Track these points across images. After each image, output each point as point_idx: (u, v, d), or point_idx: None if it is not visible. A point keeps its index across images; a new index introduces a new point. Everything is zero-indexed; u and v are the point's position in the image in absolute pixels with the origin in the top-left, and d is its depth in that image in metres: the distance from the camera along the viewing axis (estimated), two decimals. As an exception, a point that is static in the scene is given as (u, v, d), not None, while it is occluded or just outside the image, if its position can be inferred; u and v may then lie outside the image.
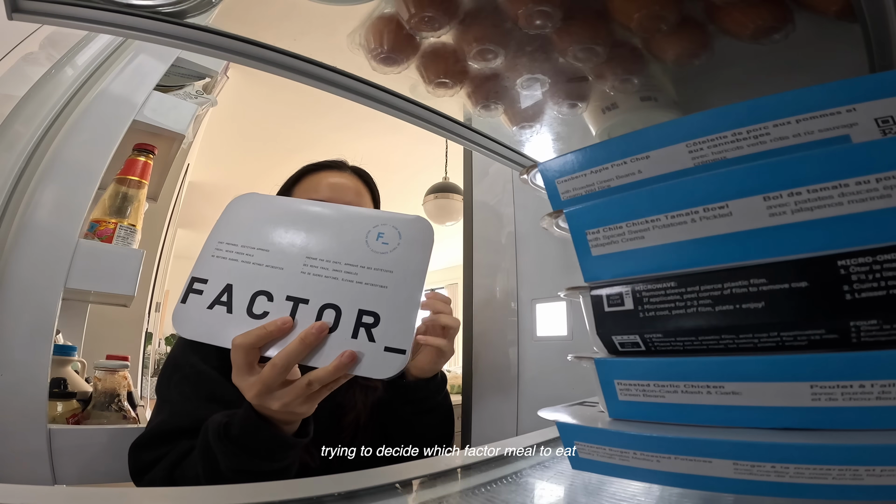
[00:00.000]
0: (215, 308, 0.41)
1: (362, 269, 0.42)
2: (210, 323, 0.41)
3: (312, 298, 0.41)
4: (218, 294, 0.42)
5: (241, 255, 0.44)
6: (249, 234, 0.45)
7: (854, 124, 0.23)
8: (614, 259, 0.28)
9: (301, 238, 0.45)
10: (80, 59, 0.81)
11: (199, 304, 0.41)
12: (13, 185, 0.66)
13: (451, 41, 0.43)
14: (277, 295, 0.41)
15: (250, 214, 0.47)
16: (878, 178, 0.21)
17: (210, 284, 0.42)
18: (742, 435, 0.25)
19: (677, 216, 0.25)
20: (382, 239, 0.44)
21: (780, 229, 0.23)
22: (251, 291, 0.42)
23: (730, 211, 0.24)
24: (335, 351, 0.38)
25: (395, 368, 0.38)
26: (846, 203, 0.22)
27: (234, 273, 0.43)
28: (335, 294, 0.41)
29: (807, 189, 0.22)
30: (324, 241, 0.44)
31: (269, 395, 0.41)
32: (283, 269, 0.43)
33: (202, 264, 0.44)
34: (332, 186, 0.68)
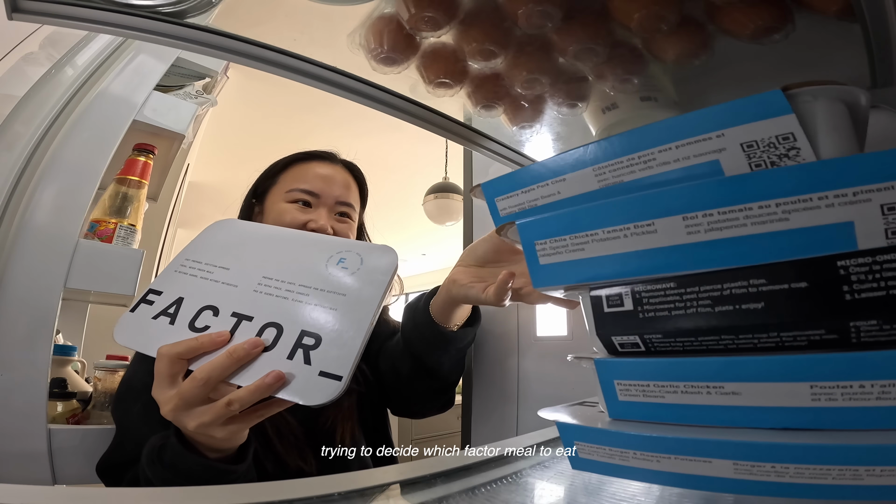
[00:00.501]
0: (159, 319, 0.40)
1: (315, 290, 0.41)
2: (148, 332, 0.39)
3: (257, 316, 0.39)
4: (167, 306, 0.41)
5: (201, 271, 0.43)
6: (216, 253, 0.45)
7: (723, 149, 0.26)
8: (559, 267, 0.30)
9: (263, 259, 0.44)
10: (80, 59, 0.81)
11: (145, 314, 0.40)
12: (13, 185, 0.66)
13: (451, 41, 0.43)
14: (223, 310, 0.40)
15: (223, 237, 0.47)
16: (777, 203, 0.23)
17: (163, 296, 0.41)
18: (742, 435, 0.25)
19: (612, 231, 0.28)
20: (343, 264, 0.43)
21: (696, 246, 0.25)
22: (199, 305, 0.40)
23: (655, 228, 0.26)
24: (265, 371, 0.36)
25: (326, 396, 0.35)
26: (749, 224, 0.24)
27: (188, 287, 0.42)
28: (281, 313, 0.39)
29: (718, 211, 0.25)
30: (284, 262, 0.44)
31: (186, 411, 0.37)
32: (237, 286, 0.42)
33: (163, 278, 0.43)
34: (320, 177, 0.67)
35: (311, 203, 0.65)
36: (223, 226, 0.49)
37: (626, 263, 0.28)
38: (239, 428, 0.38)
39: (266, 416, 0.39)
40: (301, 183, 0.66)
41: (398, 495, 0.35)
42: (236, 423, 0.38)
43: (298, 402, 0.35)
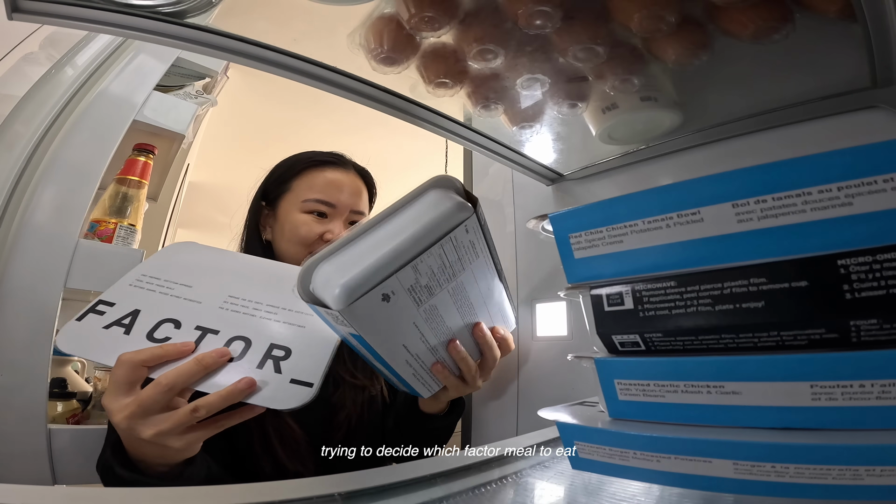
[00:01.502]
0: (112, 328, 0.40)
1: (283, 310, 0.43)
2: (99, 341, 0.39)
3: (223, 330, 0.40)
4: (121, 317, 0.40)
5: (160, 287, 0.44)
6: (178, 272, 0.45)
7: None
8: (596, 262, 0.29)
9: (228, 280, 0.45)
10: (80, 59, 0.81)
11: (94, 324, 0.40)
12: (13, 185, 0.66)
13: (451, 41, 0.43)
14: (186, 323, 0.40)
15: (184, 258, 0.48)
16: (839, 187, 0.22)
17: (116, 308, 0.41)
18: (742, 435, 0.25)
19: (653, 221, 0.26)
20: None
21: (748, 235, 0.24)
22: (158, 318, 0.41)
23: (701, 217, 0.25)
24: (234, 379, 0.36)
25: (299, 400, 0.36)
26: (809, 210, 0.23)
27: (146, 301, 0.42)
28: (249, 328, 0.41)
29: (772, 196, 0.23)
30: (251, 284, 0.45)
31: (144, 419, 0.35)
32: (200, 302, 0.43)
33: (115, 291, 0.43)
34: (333, 183, 0.66)
35: (327, 213, 0.65)
36: (183, 247, 0.50)
37: (669, 255, 0.26)
38: (197, 437, 0.37)
39: (227, 426, 0.38)
40: (316, 193, 0.65)
41: (398, 495, 0.35)
42: (196, 433, 0.37)
43: (270, 407, 0.36)
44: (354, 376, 0.62)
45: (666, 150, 0.58)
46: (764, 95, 0.48)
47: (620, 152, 0.61)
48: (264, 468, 0.53)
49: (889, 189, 0.21)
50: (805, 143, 0.48)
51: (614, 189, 0.65)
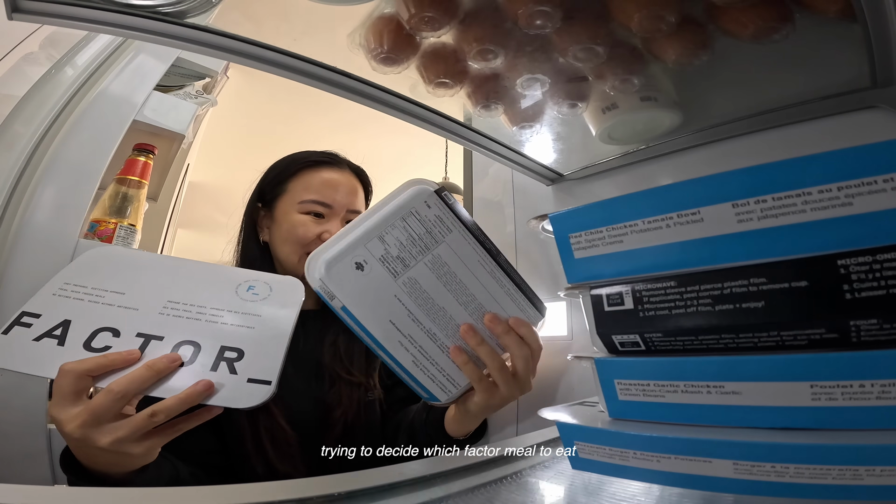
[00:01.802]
0: (43, 340, 0.39)
1: (229, 312, 0.43)
2: (31, 354, 0.38)
3: (168, 336, 0.40)
4: (51, 328, 0.39)
5: (88, 295, 0.42)
6: (104, 278, 0.44)
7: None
8: (596, 262, 0.29)
9: (164, 285, 0.45)
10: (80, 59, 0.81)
11: (23, 337, 0.39)
12: (13, 185, 0.66)
13: (451, 41, 0.43)
14: (126, 331, 0.40)
15: (107, 263, 0.47)
16: (839, 187, 0.22)
17: (43, 319, 0.40)
18: (742, 435, 0.25)
19: (653, 221, 0.26)
20: (253, 290, 0.46)
21: (747, 235, 0.24)
22: (93, 327, 0.40)
23: (701, 217, 0.25)
24: (189, 382, 0.37)
25: (259, 398, 0.37)
26: (809, 210, 0.23)
27: (75, 310, 0.41)
28: (195, 332, 0.41)
29: (772, 197, 0.23)
30: (190, 288, 0.45)
31: (98, 427, 0.35)
32: (137, 309, 0.42)
33: (39, 301, 0.41)
34: (328, 183, 0.67)
35: (324, 214, 0.65)
36: (104, 252, 0.49)
37: (669, 255, 0.26)
38: (155, 443, 0.38)
39: (185, 429, 0.39)
40: (312, 193, 0.65)
41: (398, 495, 0.35)
42: (153, 438, 0.37)
43: (229, 407, 0.37)
44: (350, 373, 0.62)
45: (666, 150, 0.58)
46: (764, 95, 0.48)
47: (620, 152, 0.61)
48: (255, 468, 0.53)
49: (889, 189, 0.21)
50: (805, 143, 0.48)
51: (614, 189, 0.65)
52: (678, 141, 0.56)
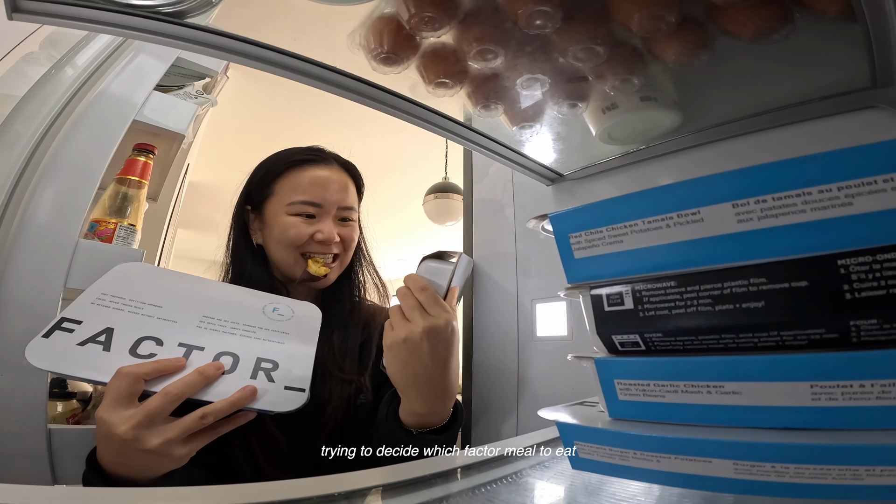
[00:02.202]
0: (88, 346, 0.41)
1: (260, 329, 0.48)
2: (76, 357, 0.40)
3: (208, 346, 0.44)
4: (94, 334, 0.42)
5: (127, 306, 0.45)
6: (140, 291, 0.47)
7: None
8: (595, 261, 0.29)
9: (199, 301, 0.49)
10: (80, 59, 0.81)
11: (66, 341, 0.41)
12: (13, 185, 0.66)
13: (451, 41, 0.43)
14: (168, 341, 0.43)
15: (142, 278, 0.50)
16: (839, 187, 0.22)
17: (84, 325, 0.42)
18: (742, 435, 0.25)
19: (653, 221, 0.26)
20: (278, 312, 0.51)
21: (747, 234, 0.24)
22: (137, 336, 0.43)
23: (701, 217, 0.25)
24: (232, 388, 0.40)
25: (295, 403, 0.42)
26: (809, 210, 0.23)
27: (116, 320, 0.44)
28: (233, 344, 0.45)
29: (772, 196, 0.23)
30: (222, 305, 0.49)
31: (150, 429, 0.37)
32: (176, 322, 0.46)
33: (78, 309, 0.44)
34: (317, 182, 0.65)
35: (315, 214, 0.64)
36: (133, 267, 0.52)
37: (669, 255, 0.26)
38: (195, 446, 0.40)
39: (222, 432, 0.41)
40: (301, 194, 0.64)
41: (398, 495, 0.35)
42: (196, 441, 0.39)
43: (273, 411, 0.41)
44: (342, 370, 0.62)
45: (666, 150, 0.58)
46: (764, 95, 0.48)
47: (620, 152, 0.61)
48: (244, 471, 0.53)
49: (889, 189, 0.21)
50: (805, 142, 0.48)
51: (614, 189, 0.65)
52: (678, 141, 0.56)
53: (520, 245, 0.77)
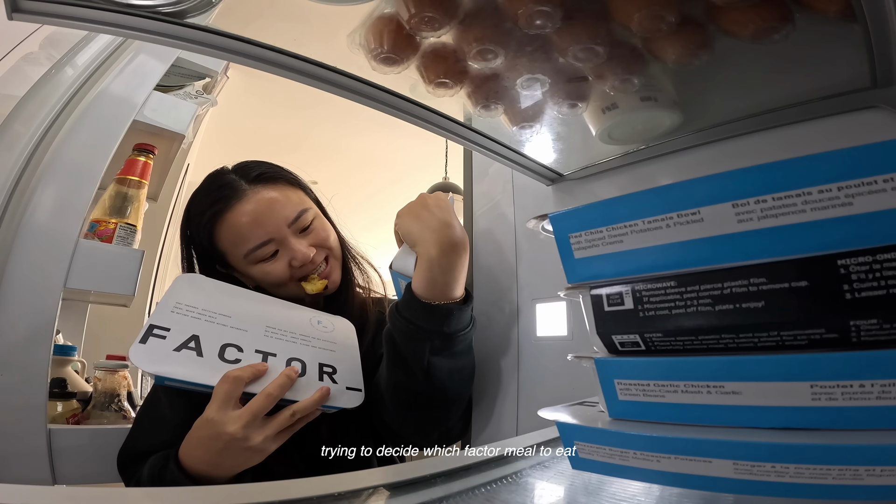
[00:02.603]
0: (183, 351, 0.46)
1: (313, 338, 0.55)
2: (179, 362, 0.46)
3: (279, 353, 0.50)
4: (185, 341, 0.47)
5: (203, 315, 0.51)
6: (208, 302, 0.52)
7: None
8: (596, 261, 0.29)
9: (259, 313, 0.55)
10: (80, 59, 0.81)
11: (162, 347, 0.46)
12: (13, 185, 0.66)
13: (451, 41, 0.43)
14: (246, 348, 0.49)
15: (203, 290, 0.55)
16: (839, 187, 0.22)
17: (174, 332, 0.47)
18: (742, 435, 0.25)
19: (653, 221, 0.26)
20: (322, 325, 0.58)
21: (748, 234, 0.24)
22: (220, 343, 0.49)
23: (701, 217, 0.25)
24: (308, 389, 0.48)
25: (357, 401, 0.51)
26: (809, 210, 0.23)
27: (198, 328, 0.49)
28: (297, 352, 0.52)
29: (772, 196, 0.23)
30: (278, 318, 0.55)
31: (255, 427, 0.42)
32: (247, 331, 0.51)
33: (161, 316, 0.49)
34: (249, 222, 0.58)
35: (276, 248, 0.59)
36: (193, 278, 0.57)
37: (669, 255, 0.26)
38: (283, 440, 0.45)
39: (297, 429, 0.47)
40: (246, 243, 0.58)
41: (398, 495, 0.35)
42: (284, 436, 0.45)
43: (339, 408, 0.49)
44: None
45: (666, 150, 0.58)
46: (764, 95, 0.48)
47: (620, 152, 0.61)
48: None
49: (889, 189, 0.21)
50: (805, 143, 0.48)
51: (614, 189, 0.65)
52: (678, 141, 0.56)
53: (520, 245, 0.77)
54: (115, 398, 0.77)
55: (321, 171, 3.47)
